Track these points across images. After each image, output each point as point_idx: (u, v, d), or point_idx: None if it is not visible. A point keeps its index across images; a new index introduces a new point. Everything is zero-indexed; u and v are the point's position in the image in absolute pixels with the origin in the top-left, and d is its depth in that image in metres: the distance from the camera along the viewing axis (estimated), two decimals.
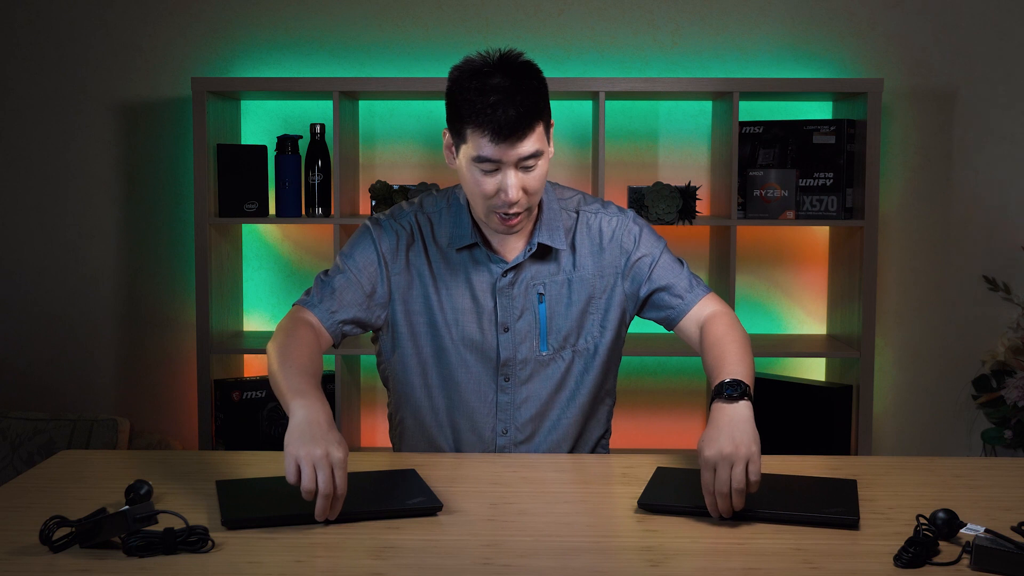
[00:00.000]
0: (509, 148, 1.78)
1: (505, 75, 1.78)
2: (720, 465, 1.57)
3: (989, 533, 1.41)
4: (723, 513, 1.57)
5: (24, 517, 1.56)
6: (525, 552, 1.44)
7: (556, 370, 1.97)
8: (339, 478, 1.54)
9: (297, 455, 1.54)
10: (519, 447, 1.98)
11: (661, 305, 2.00)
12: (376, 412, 3.42)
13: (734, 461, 1.57)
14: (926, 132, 3.36)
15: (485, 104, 1.76)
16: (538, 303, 1.95)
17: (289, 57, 3.36)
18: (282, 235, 3.43)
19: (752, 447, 1.59)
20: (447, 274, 1.95)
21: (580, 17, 3.36)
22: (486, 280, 1.95)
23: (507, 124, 1.75)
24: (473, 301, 1.95)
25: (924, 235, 3.39)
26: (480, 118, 1.76)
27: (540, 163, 1.82)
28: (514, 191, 1.80)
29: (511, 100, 1.76)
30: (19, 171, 3.42)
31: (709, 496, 1.58)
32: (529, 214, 1.89)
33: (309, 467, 1.53)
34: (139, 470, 1.81)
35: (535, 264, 1.96)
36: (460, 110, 1.79)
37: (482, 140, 1.77)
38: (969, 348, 3.39)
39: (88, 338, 3.44)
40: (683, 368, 3.45)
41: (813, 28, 3.35)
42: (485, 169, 1.80)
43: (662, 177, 3.36)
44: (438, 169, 3.37)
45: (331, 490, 1.53)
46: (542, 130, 1.82)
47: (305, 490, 1.52)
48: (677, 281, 2.00)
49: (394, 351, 1.99)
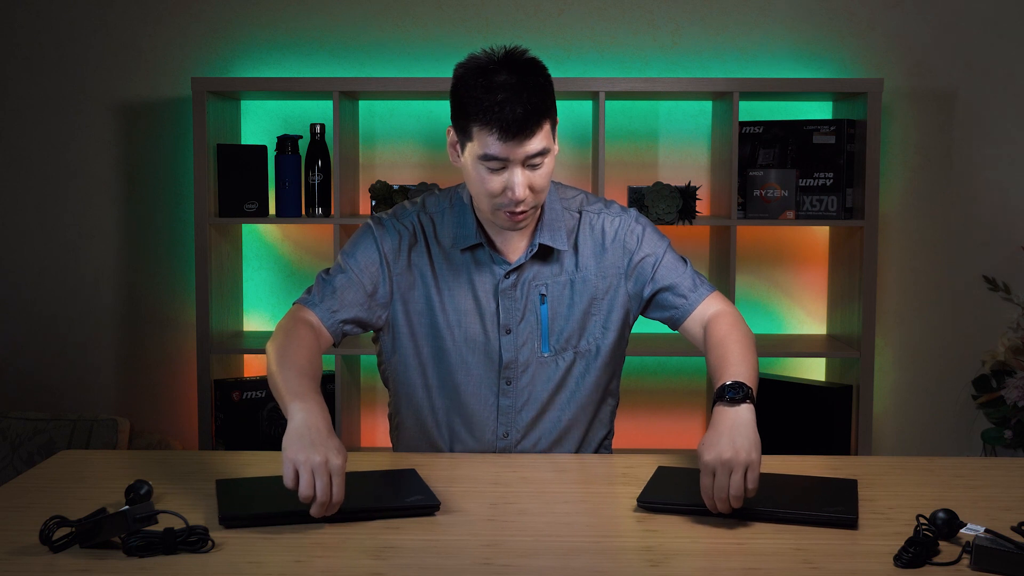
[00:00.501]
0: (516, 146, 1.76)
1: (511, 72, 1.77)
2: (719, 470, 1.57)
3: (989, 533, 1.41)
4: (722, 512, 1.57)
5: (24, 517, 1.56)
6: (525, 552, 1.44)
7: (557, 371, 1.96)
8: (337, 485, 1.53)
9: (296, 460, 1.53)
10: (518, 447, 1.98)
11: (665, 305, 1.99)
12: (376, 412, 3.42)
13: (733, 467, 1.57)
14: (926, 132, 3.36)
15: (492, 102, 1.74)
16: (540, 304, 1.95)
17: (289, 57, 3.36)
18: (282, 235, 3.43)
19: (752, 454, 1.59)
20: (449, 275, 1.94)
21: (580, 17, 3.36)
22: (489, 281, 1.94)
23: (514, 122, 1.74)
24: (475, 302, 1.94)
25: (924, 235, 3.39)
26: (487, 116, 1.75)
27: (547, 161, 1.81)
28: (521, 189, 1.79)
29: (518, 97, 1.74)
30: (19, 171, 3.42)
31: (708, 500, 1.58)
32: (535, 211, 1.88)
33: (308, 473, 1.52)
34: (139, 470, 1.81)
35: (537, 265, 1.95)
36: (466, 108, 1.78)
37: (489, 138, 1.76)
38: (969, 348, 3.39)
39: (88, 338, 3.44)
40: (684, 368, 3.45)
41: (813, 28, 3.35)
42: (492, 167, 1.79)
43: (662, 177, 3.36)
44: (438, 169, 3.37)
45: (328, 497, 1.52)
46: (548, 128, 1.80)
47: (303, 496, 1.52)
48: (681, 281, 1.99)
49: (395, 352, 1.99)
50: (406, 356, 1.97)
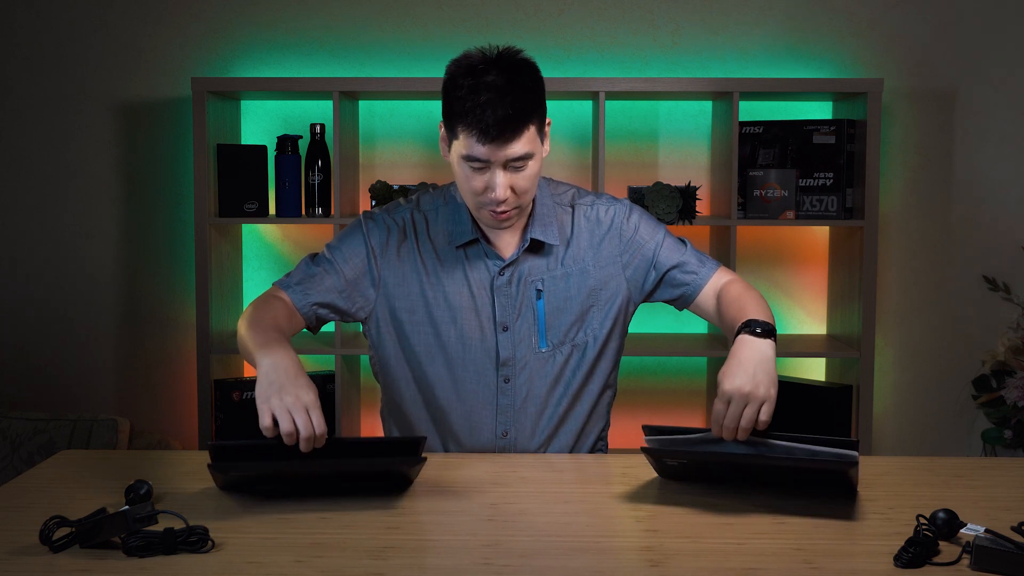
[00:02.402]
0: (497, 149, 1.77)
1: (500, 73, 1.77)
2: (735, 401, 1.63)
3: (989, 533, 1.41)
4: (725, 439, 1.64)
5: (24, 517, 1.56)
6: (525, 552, 1.44)
7: (555, 366, 1.96)
8: (315, 418, 1.60)
9: (269, 404, 1.60)
10: (516, 443, 1.98)
11: (676, 283, 2.01)
12: (377, 412, 3.42)
13: (750, 400, 1.63)
14: (926, 132, 3.36)
15: (475, 104, 1.75)
16: (536, 299, 1.95)
17: (289, 57, 3.36)
18: (282, 235, 3.43)
19: (771, 390, 1.65)
20: (444, 271, 1.94)
21: (580, 17, 3.36)
22: (484, 278, 1.94)
23: (495, 125, 1.75)
24: (471, 298, 1.94)
25: (924, 235, 3.39)
26: (469, 118, 1.76)
27: (531, 164, 1.82)
28: (502, 190, 1.80)
29: (501, 100, 1.74)
30: (19, 171, 3.42)
31: (717, 426, 1.64)
32: (521, 210, 1.89)
33: (284, 413, 1.59)
34: (139, 470, 1.80)
35: (532, 261, 1.95)
36: (452, 107, 1.79)
37: (471, 140, 1.77)
38: (969, 348, 3.39)
39: (88, 338, 3.44)
40: (683, 368, 3.45)
41: (813, 28, 3.35)
42: (474, 167, 1.80)
43: (662, 177, 3.36)
44: (438, 169, 3.37)
45: (311, 431, 1.59)
46: (534, 131, 1.80)
47: (286, 433, 1.58)
48: (686, 259, 2.01)
49: (384, 349, 1.99)
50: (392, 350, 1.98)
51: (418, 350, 1.96)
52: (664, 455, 1.66)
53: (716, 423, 1.64)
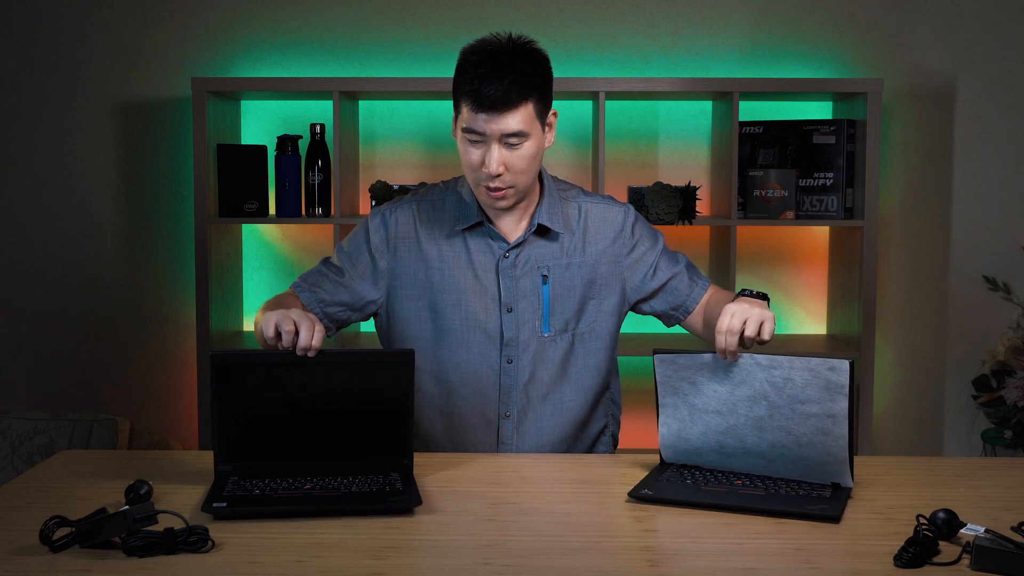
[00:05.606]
0: (490, 121, 1.83)
1: (508, 55, 1.84)
2: (737, 315, 1.73)
3: (989, 533, 1.41)
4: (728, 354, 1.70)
5: (24, 517, 1.56)
6: (525, 552, 1.44)
7: (557, 352, 2.00)
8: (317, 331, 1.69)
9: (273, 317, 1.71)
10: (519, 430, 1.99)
11: (668, 299, 2.07)
12: None
13: (750, 316, 1.73)
14: (926, 132, 3.36)
15: (476, 75, 1.82)
16: (542, 284, 1.98)
17: (289, 57, 3.36)
18: (282, 235, 3.43)
19: (771, 314, 1.75)
20: (449, 256, 1.99)
21: (580, 17, 3.36)
22: (489, 260, 1.98)
23: (489, 96, 1.81)
24: (476, 280, 1.98)
25: (924, 235, 3.39)
26: (468, 87, 1.83)
27: (526, 144, 1.86)
28: (495, 165, 1.85)
29: (501, 75, 1.81)
30: (19, 171, 3.42)
31: (721, 335, 1.70)
32: (517, 192, 1.92)
33: (287, 320, 1.69)
34: (139, 470, 1.81)
35: (538, 246, 1.99)
36: (457, 80, 1.87)
37: (469, 111, 1.84)
38: (969, 348, 3.39)
39: (88, 338, 3.44)
40: None
41: (813, 28, 3.35)
42: (471, 139, 1.86)
43: (662, 177, 3.36)
44: (438, 169, 3.37)
45: (310, 336, 1.68)
46: (532, 112, 1.85)
47: (286, 334, 1.68)
48: (678, 280, 2.06)
49: (391, 336, 2.03)
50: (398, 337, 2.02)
51: (424, 335, 2.00)
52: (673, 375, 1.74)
53: (720, 332, 1.71)
